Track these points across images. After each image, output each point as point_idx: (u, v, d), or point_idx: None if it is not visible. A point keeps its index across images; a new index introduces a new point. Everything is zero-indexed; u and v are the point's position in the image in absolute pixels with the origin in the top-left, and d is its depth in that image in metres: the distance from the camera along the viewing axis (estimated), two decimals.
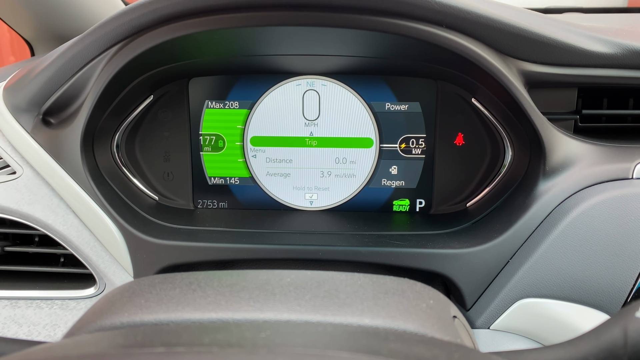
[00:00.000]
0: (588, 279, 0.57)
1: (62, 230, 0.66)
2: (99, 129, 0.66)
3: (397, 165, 0.73)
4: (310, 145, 0.72)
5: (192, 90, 0.71)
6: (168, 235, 0.65)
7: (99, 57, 0.61)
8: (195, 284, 0.37)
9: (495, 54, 0.57)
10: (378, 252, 0.62)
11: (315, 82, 0.70)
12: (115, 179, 0.69)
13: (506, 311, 0.58)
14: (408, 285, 0.38)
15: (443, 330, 0.33)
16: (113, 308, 0.35)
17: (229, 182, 0.74)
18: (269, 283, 0.37)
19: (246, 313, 0.33)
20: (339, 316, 0.33)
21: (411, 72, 0.69)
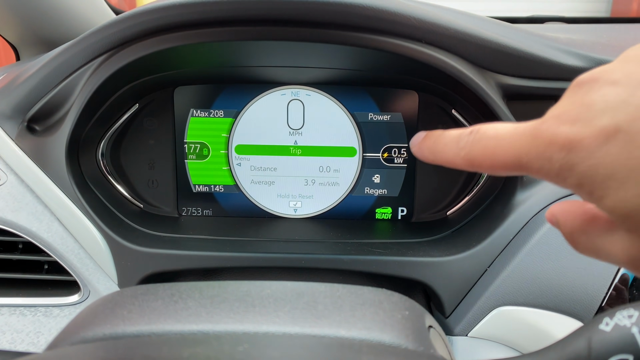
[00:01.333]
0: (563, 288, 0.58)
1: (46, 238, 0.66)
2: (84, 137, 0.67)
3: (379, 174, 0.74)
4: (295, 153, 0.73)
5: (178, 98, 0.72)
6: (152, 243, 0.65)
7: (85, 67, 0.61)
8: (177, 296, 0.38)
9: (473, 68, 0.59)
10: (360, 260, 0.63)
11: (299, 92, 0.71)
12: (99, 187, 0.69)
13: (484, 319, 0.60)
14: (385, 296, 0.39)
15: (418, 341, 0.34)
16: (96, 319, 0.35)
17: (213, 190, 0.75)
18: (249, 295, 0.38)
19: (226, 325, 0.34)
20: (316, 328, 0.34)
21: (393, 84, 0.70)
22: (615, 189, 0.30)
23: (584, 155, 0.31)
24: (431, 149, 0.46)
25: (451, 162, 0.43)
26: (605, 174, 0.30)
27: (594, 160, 0.31)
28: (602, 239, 0.35)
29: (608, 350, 0.31)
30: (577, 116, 0.32)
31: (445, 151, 0.43)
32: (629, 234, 0.33)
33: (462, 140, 0.41)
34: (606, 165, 0.30)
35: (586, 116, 0.31)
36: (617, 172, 0.30)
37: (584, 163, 0.31)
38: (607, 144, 0.30)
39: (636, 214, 0.30)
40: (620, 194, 0.30)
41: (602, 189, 0.31)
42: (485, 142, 0.38)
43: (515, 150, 0.35)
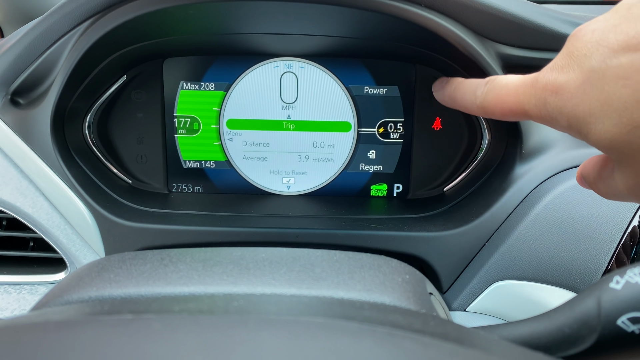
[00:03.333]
0: (562, 261, 0.57)
1: (31, 213, 0.64)
2: (69, 109, 0.65)
3: (375, 150, 0.72)
4: (288, 128, 0.71)
5: (167, 70, 0.69)
6: (141, 218, 0.63)
7: (70, 34, 0.59)
8: (167, 260, 0.36)
9: (473, 36, 0.57)
10: (355, 235, 0.62)
11: (293, 64, 0.69)
12: (86, 161, 0.67)
13: (482, 293, 0.59)
14: (384, 261, 0.38)
15: (419, 304, 0.33)
16: (81, 283, 0.33)
17: (204, 166, 0.73)
18: (243, 258, 0.37)
19: (219, 287, 0.32)
20: (314, 289, 0.32)
21: (390, 55, 0.68)
22: (594, 124, 0.34)
23: (567, 96, 0.36)
24: (451, 95, 0.54)
25: (468, 109, 0.49)
26: (585, 111, 0.35)
27: (575, 100, 0.35)
28: (611, 179, 0.39)
29: (619, 309, 0.30)
30: (564, 64, 0.37)
31: (464, 99, 0.50)
32: (620, 166, 0.37)
33: (479, 89, 0.47)
34: (584, 103, 0.35)
35: (570, 63, 0.36)
36: (593, 109, 0.34)
37: (569, 103, 0.36)
38: (584, 85, 0.34)
39: (616, 144, 0.34)
40: (599, 128, 0.34)
41: (586, 125, 0.35)
42: (497, 90, 0.44)
43: (519, 97, 0.41)
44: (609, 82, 0.33)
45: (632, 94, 0.32)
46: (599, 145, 0.35)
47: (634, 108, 0.32)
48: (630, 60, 0.32)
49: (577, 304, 0.32)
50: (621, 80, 0.32)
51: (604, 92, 0.33)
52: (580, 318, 0.31)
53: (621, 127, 0.33)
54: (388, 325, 0.22)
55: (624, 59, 0.32)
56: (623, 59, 0.33)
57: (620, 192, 0.39)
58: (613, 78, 0.33)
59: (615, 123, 0.33)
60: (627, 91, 0.32)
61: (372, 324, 0.22)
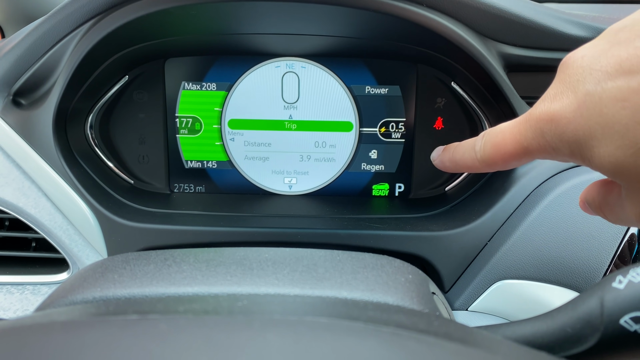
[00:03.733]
0: (564, 260, 0.57)
1: (33, 214, 0.64)
2: (71, 109, 0.65)
3: (376, 150, 0.72)
4: (290, 128, 0.72)
5: (169, 71, 0.70)
6: (143, 218, 0.63)
7: (72, 34, 0.59)
8: (171, 260, 0.36)
9: (475, 36, 0.57)
10: (356, 234, 0.62)
11: (294, 64, 0.70)
12: (88, 161, 0.67)
13: (484, 293, 0.59)
14: (387, 261, 0.38)
15: (423, 304, 0.33)
16: (85, 283, 0.34)
17: (206, 166, 0.73)
18: (246, 259, 0.37)
19: (223, 287, 0.32)
20: (317, 289, 0.32)
21: (391, 55, 0.69)
22: (597, 147, 0.33)
23: (565, 122, 0.35)
24: (451, 159, 0.52)
25: (471, 167, 0.48)
26: (585, 134, 0.34)
27: (574, 125, 0.34)
28: (619, 206, 0.38)
29: (622, 308, 0.30)
30: (557, 92, 0.36)
31: (464, 159, 0.49)
32: (628, 192, 0.35)
33: (477, 144, 0.46)
34: (584, 127, 0.34)
35: (563, 89, 0.36)
36: (593, 131, 0.33)
37: (568, 129, 0.35)
38: (580, 109, 0.34)
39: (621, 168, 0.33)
40: (602, 151, 0.33)
41: (589, 149, 0.34)
42: (494, 139, 0.43)
43: (517, 137, 0.40)
44: (607, 104, 0.33)
45: (632, 116, 0.31)
46: (604, 169, 0.34)
47: (636, 130, 0.31)
48: (627, 83, 0.32)
49: (580, 304, 0.32)
50: (619, 103, 0.32)
51: (603, 115, 0.33)
52: (583, 318, 0.31)
53: (625, 150, 0.32)
54: (392, 325, 0.22)
55: (619, 82, 0.32)
56: (619, 82, 0.32)
57: (629, 219, 0.37)
58: (611, 101, 0.32)
59: (619, 145, 0.32)
60: (627, 113, 0.32)
61: (377, 324, 0.22)
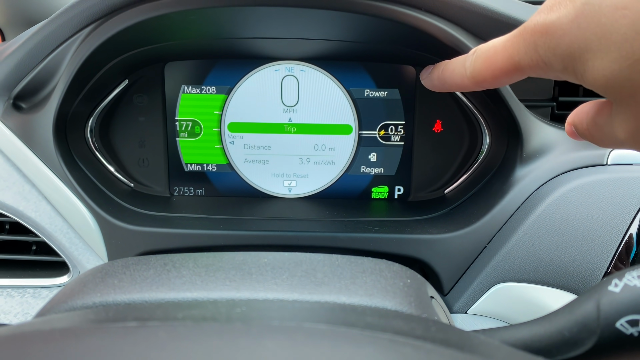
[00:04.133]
0: (563, 263, 0.57)
1: (33, 217, 0.64)
2: (72, 113, 0.65)
3: (376, 152, 0.73)
4: (289, 131, 0.72)
5: (168, 74, 0.70)
6: (143, 222, 0.64)
7: (72, 39, 0.59)
8: (170, 265, 0.37)
9: (473, 39, 0.57)
10: (356, 237, 0.62)
11: (294, 67, 0.70)
12: (88, 165, 0.67)
13: (483, 296, 0.59)
14: (386, 265, 0.38)
15: (421, 308, 0.33)
16: (85, 289, 0.34)
17: (205, 169, 0.73)
18: (245, 264, 0.37)
19: (222, 292, 0.33)
20: (316, 294, 0.32)
21: (390, 59, 0.69)
22: (592, 60, 0.32)
23: (560, 34, 0.33)
24: (440, 77, 0.50)
25: (460, 85, 0.46)
26: (580, 47, 0.32)
27: (569, 37, 0.32)
28: (608, 124, 0.37)
29: (617, 312, 0.30)
30: (553, 3, 0.34)
31: (453, 76, 0.46)
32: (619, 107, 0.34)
33: (467, 61, 0.44)
34: (579, 38, 0.32)
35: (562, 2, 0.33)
36: (589, 43, 0.31)
37: (562, 41, 0.33)
38: (578, 19, 0.32)
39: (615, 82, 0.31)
40: (597, 64, 0.31)
41: (582, 63, 0.32)
42: (485, 54, 0.41)
43: (509, 51, 0.38)
44: (606, 13, 0.31)
45: (631, 25, 0.30)
46: (597, 84, 0.33)
47: (634, 39, 0.30)
48: None
49: (577, 307, 0.32)
50: (619, 11, 0.30)
51: (601, 25, 0.31)
52: (580, 321, 0.31)
53: (620, 62, 0.30)
54: (390, 332, 0.22)
55: None
56: None
57: (617, 139, 0.36)
58: (611, 9, 0.30)
59: (614, 57, 0.31)
60: (626, 21, 0.30)
61: (374, 331, 0.22)
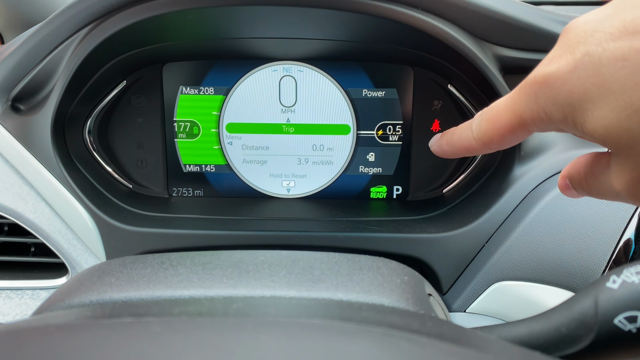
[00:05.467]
0: (562, 261, 0.57)
1: (32, 219, 0.64)
2: (70, 114, 0.65)
3: (374, 152, 0.73)
4: (287, 132, 0.72)
5: (166, 75, 0.70)
6: (142, 223, 0.64)
7: (69, 40, 0.59)
8: (168, 263, 0.37)
9: (470, 38, 0.57)
10: (355, 237, 0.62)
11: (291, 67, 0.70)
12: (87, 166, 0.67)
13: (482, 294, 0.59)
14: (383, 263, 0.38)
15: (418, 305, 0.33)
16: (82, 287, 0.34)
17: (204, 170, 0.73)
18: (242, 262, 0.37)
19: (219, 290, 0.33)
20: (313, 291, 0.32)
21: (388, 59, 0.69)
22: (591, 110, 0.32)
23: (560, 84, 0.33)
24: (449, 142, 0.51)
25: (470, 149, 0.47)
26: (580, 96, 0.33)
27: (569, 86, 0.33)
28: (605, 175, 0.37)
29: (615, 308, 0.30)
30: (555, 55, 0.35)
31: (461, 140, 0.47)
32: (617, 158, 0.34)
33: (473, 124, 0.44)
34: (579, 88, 0.33)
35: (562, 52, 0.34)
36: (589, 93, 0.32)
37: (562, 91, 0.33)
38: (578, 69, 0.33)
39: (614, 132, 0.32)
40: (596, 114, 0.32)
41: (582, 113, 0.33)
42: (489, 114, 0.42)
43: (511, 106, 0.38)
44: (606, 64, 0.32)
45: (630, 75, 0.30)
46: (596, 134, 0.33)
47: (633, 90, 0.30)
48: (629, 42, 0.31)
49: (575, 304, 0.32)
50: (619, 62, 0.31)
51: (600, 75, 0.32)
52: (578, 318, 0.31)
53: (619, 112, 0.31)
54: (385, 326, 0.22)
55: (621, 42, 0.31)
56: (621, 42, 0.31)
57: (614, 190, 0.36)
58: (610, 60, 0.31)
59: (613, 107, 0.31)
60: (626, 72, 0.31)
61: (370, 325, 0.22)
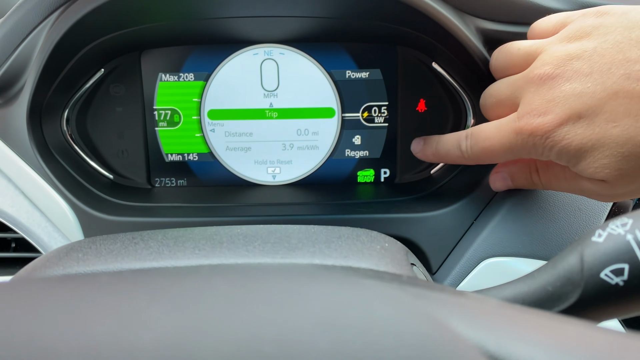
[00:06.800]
0: (552, 235, 0.56)
1: (11, 212, 0.62)
2: (46, 104, 0.63)
3: (360, 135, 0.71)
4: (271, 117, 0.70)
5: (145, 62, 0.68)
6: (123, 212, 0.62)
7: (40, 26, 0.57)
8: (139, 238, 0.35)
9: (452, 11, 0.56)
10: (342, 219, 0.60)
11: (273, 50, 0.69)
12: (66, 157, 0.66)
13: (472, 272, 0.58)
14: (363, 232, 0.37)
15: (398, 270, 0.32)
16: (48, 263, 0.32)
17: (187, 159, 0.72)
18: (217, 234, 0.35)
19: (190, 261, 0.31)
20: (288, 259, 0.31)
21: (370, 38, 0.68)
22: (585, 158, 0.42)
23: (558, 137, 0.42)
24: (435, 154, 0.61)
25: (455, 161, 0.57)
26: (577, 147, 0.41)
27: (567, 140, 0.42)
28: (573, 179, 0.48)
29: (601, 262, 0.29)
30: (546, 110, 0.43)
31: (449, 155, 0.57)
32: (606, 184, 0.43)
33: (462, 143, 0.53)
34: (576, 142, 0.41)
35: (553, 109, 0.42)
36: (584, 146, 0.41)
37: (560, 143, 0.42)
38: (574, 126, 0.41)
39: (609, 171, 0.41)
40: (591, 160, 0.41)
41: (577, 159, 0.42)
42: (482, 144, 0.50)
43: (506, 146, 0.47)
44: (600, 124, 0.40)
45: (622, 132, 0.39)
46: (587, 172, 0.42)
47: (625, 143, 0.39)
48: (615, 107, 0.39)
49: (560, 261, 0.31)
50: (610, 122, 0.39)
51: (596, 132, 0.40)
52: (564, 275, 0.30)
53: (612, 158, 0.40)
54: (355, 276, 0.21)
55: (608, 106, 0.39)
56: (608, 107, 0.39)
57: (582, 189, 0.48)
58: (603, 121, 0.40)
59: (607, 154, 0.40)
60: (618, 130, 0.39)
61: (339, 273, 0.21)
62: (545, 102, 0.43)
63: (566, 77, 0.42)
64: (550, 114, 0.42)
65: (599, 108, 0.40)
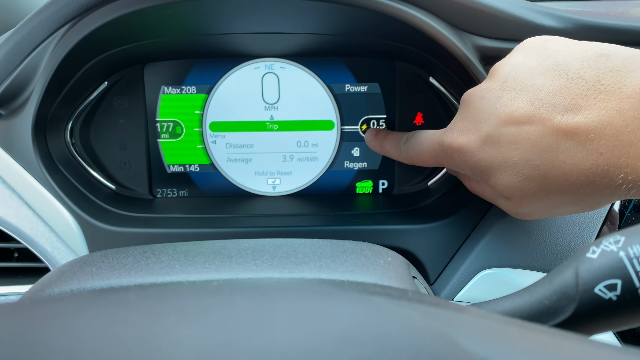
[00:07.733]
0: (547, 247, 0.58)
1: (14, 223, 0.63)
2: (50, 116, 0.64)
3: (359, 147, 0.73)
4: (271, 129, 0.72)
5: (148, 75, 0.70)
6: (126, 223, 0.63)
7: (47, 40, 0.58)
8: (150, 252, 0.36)
9: (450, 28, 0.58)
10: (341, 230, 0.62)
11: (274, 64, 0.70)
12: (69, 169, 0.67)
13: (469, 282, 0.59)
14: (367, 246, 0.38)
15: (401, 284, 0.33)
16: (62, 277, 0.33)
17: (188, 170, 0.73)
18: (225, 248, 0.37)
19: (201, 275, 0.32)
20: (296, 273, 0.32)
21: (369, 53, 0.69)
22: (494, 174, 0.46)
23: (470, 154, 0.46)
24: (381, 148, 0.65)
25: (398, 160, 0.62)
26: (486, 165, 0.46)
27: (477, 158, 0.46)
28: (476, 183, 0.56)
29: (595, 277, 0.30)
30: (464, 128, 0.47)
31: (391, 152, 0.63)
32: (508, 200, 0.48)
33: (401, 146, 0.60)
34: (485, 160, 0.45)
35: (468, 127, 0.47)
36: (492, 164, 0.45)
37: (471, 160, 0.46)
38: (484, 147, 0.45)
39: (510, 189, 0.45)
40: (497, 177, 0.45)
41: (487, 175, 0.46)
42: (415, 148, 0.56)
43: (432, 154, 0.53)
44: (503, 145, 0.43)
45: (522, 155, 0.43)
46: (498, 190, 0.46)
47: (524, 165, 0.43)
48: (517, 130, 0.42)
49: (556, 276, 0.32)
50: (512, 145, 0.43)
51: (500, 153, 0.44)
52: (559, 289, 0.31)
53: (514, 178, 0.44)
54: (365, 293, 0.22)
55: (512, 129, 0.43)
56: (511, 129, 0.43)
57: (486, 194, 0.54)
58: (506, 143, 0.43)
59: (510, 174, 0.44)
60: (518, 153, 0.43)
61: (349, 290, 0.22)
62: (465, 121, 0.47)
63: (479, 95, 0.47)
64: (466, 132, 0.46)
65: (504, 128, 0.43)
